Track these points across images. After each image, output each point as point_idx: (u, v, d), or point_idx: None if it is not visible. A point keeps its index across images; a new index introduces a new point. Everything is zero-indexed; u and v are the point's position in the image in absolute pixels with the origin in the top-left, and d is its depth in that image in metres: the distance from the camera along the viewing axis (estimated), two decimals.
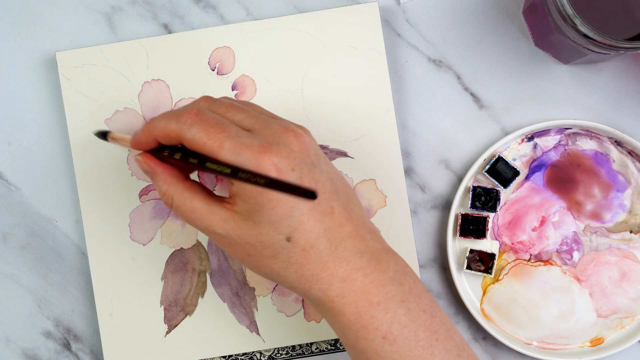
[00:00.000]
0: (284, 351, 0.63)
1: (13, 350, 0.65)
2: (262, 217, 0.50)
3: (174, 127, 0.52)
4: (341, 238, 0.51)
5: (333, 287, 0.51)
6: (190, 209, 0.52)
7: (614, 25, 0.55)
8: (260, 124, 0.52)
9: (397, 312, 0.51)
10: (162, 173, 0.54)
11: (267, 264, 0.51)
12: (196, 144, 0.50)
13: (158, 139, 0.53)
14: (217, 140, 0.50)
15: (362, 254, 0.52)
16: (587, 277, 0.64)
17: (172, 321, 0.63)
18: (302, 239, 0.50)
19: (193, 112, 0.51)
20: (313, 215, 0.50)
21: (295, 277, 0.51)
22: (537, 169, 0.64)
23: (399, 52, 0.65)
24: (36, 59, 0.65)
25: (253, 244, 0.51)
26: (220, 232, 0.51)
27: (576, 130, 0.64)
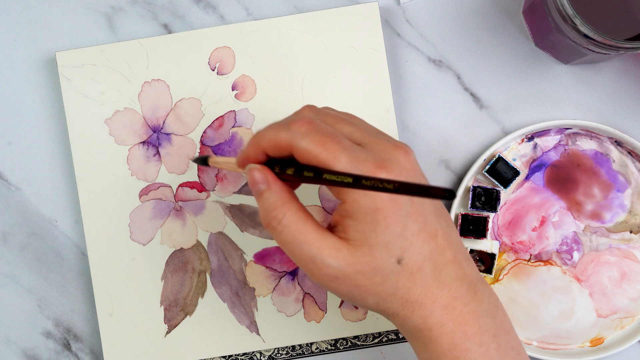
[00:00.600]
0: (284, 351, 0.63)
1: (13, 350, 0.65)
2: (377, 238, 0.48)
3: (285, 136, 0.49)
4: (444, 263, 0.50)
5: (434, 314, 0.49)
6: (300, 231, 0.49)
7: (614, 25, 0.55)
8: (369, 139, 0.50)
9: (490, 347, 0.50)
10: (277, 187, 0.50)
11: (374, 292, 0.49)
12: (309, 153, 0.48)
13: (267, 150, 0.50)
14: (333, 151, 0.48)
15: (461, 281, 0.50)
16: (587, 277, 0.64)
17: (172, 321, 0.63)
18: (412, 260, 0.49)
19: (305, 120, 0.49)
20: (421, 237, 0.49)
21: (399, 303, 0.49)
22: (537, 169, 0.64)
23: (399, 52, 0.65)
24: (36, 59, 0.65)
25: (364, 272, 0.49)
26: (329, 261, 0.48)
27: (576, 130, 0.64)
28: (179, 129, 0.63)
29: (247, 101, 0.63)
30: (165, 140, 0.63)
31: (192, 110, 0.63)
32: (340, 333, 0.63)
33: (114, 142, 0.63)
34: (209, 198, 0.63)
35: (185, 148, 0.63)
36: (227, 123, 0.63)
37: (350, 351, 0.64)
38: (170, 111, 0.63)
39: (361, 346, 0.64)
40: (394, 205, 0.48)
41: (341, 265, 0.48)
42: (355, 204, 0.48)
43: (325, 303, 0.63)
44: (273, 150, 0.50)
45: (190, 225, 0.63)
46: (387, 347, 0.64)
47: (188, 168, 0.63)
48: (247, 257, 0.63)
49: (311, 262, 0.49)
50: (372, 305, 0.50)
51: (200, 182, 0.63)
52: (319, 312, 0.63)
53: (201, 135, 0.63)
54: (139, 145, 0.63)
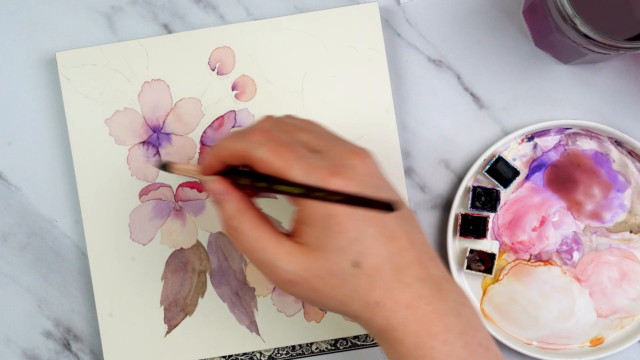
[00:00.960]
0: (284, 351, 0.63)
1: (13, 350, 0.65)
2: (332, 243, 0.49)
3: (242, 146, 0.50)
4: (405, 264, 0.50)
5: (397, 315, 0.49)
6: (256, 238, 0.50)
7: (614, 25, 0.55)
8: (325, 146, 0.51)
9: (456, 345, 0.49)
10: (234, 197, 0.52)
11: (333, 295, 0.50)
12: (264, 163, 0.49)
13: (226, 160, 0.52)
14: (286, 160, 0.49)
15: (424, 281, 0.50)
16: (587, 277, 0.64)
17: (172, 321, 0.63)
18: (369, 263, 0.49)
19: (262, 130, 0.51)
20: (379, 240, 0.49)
21: (360, 305, 0.50)
22: (537, 169, 0.64)
23: (399, 52, 0.65)
24: (36, 59, 0.65)
25: (321, 276, 0.49)
26: (284, 266, 0.50)
27: (576, 130, 0.64)
28: (179, 129, 0.63)
29: (247, 101, 0.63)
30: (165, 140, 0.63)
31: (192, 110, 0.63)
32: (340, 333, 0.63)
33: (114, 142, 0.63)
34: (209, 198, 0.63)
35: (186, 148, 0.63)
36: (227, 123, 0.63)
37: (350, 351, 0.64)
38: (170, 111, 0.63)
39: (361, 346, 0.64)
40: (347, 211, 0.49)
41: (296, 269, 0.49)
42: (308, 210, 0.49)
43: None
44: (232, 160, 0.51)
45: (190, 225, 0.63)
46: None
47: None
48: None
49: (268, 267, 0.50)
50: (334, 308, 0.51)
51: (200, 182, 0.63)
52: (319, 312, 0.63)
53: (201, 135, 0.63)
54: (139, 145, 0.63)
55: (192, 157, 0.63)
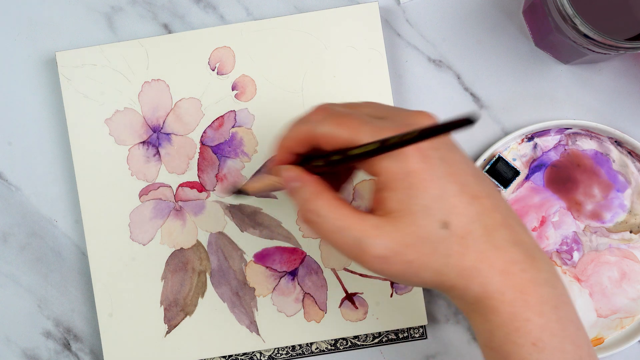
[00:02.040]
0: (284, 351, 0.64)
1: (13, 350, 0.65)
2: (416, 204, 0.46)
3: (304, 129, 0.49)
4: (493, 225, 0.47)
5: (493, 281, 0.46)
6: (338, 217, 0.47)
7: (614, 25, 0.55)
8: (388, 113, 0.49)
9: (550, 318, 0.47)
10: (308, 180, 0.49)
11: (427, 264, 0.46)
12: (330, 137, 0.47)
13: (293, 149, 0.50)
14: (352, 128, 0.47)
15: (517, 245, 0.47)
16: (587, 277, 0.64)
17: (172, 321, 0.63)
18: (458, 223, 0.46)
19: (320, 108, 0.49)
20: (463, 198, 0.46)
21: (455, 272, 0.46)
22: (537, 169, 0.64)
23: (399, 52, 0.65)
24: (36, 59, 0.65)
25: (412, 244, 0.46)
26: (374, 241, 0.46)
27: (576, 130, 0.64)
28: (179, 128, 0.63)
29: (247, 101, 0.63)
30: (165, 140, 0.63)
31: (192, 110, 0.63)
32: (340, 333, 0.63)
33: (114, 142, 0.63)
34: (209, 198, 0.63)
35: (185, 148, 0.63)
36: (227, 123, 0.64)
37: (350, 351, 0.64)
38: (170, 111, 0.63)
39: (361, 346, 0.64)
40: (427, 166, 0.46)
41: (387, 242, 0.46)
42: (388, 172, 0.46)
43: (325, 303, 0.63)
44: (298, 147, 0.49)
45: (190, 225, 0.63)
46: (387, 347, 0.64)
47: (188, 168, 0.63)
48: (247, 257, 0.63)
49: (357, 247, 0.47)
50: (428, 280, 0.47)
51: (200, 182, 0.63)
52: (319, 312, 0.63)
53: (201, 135, 0.63)
54: (139, 145, 0.63)
55: (192, 157, 0.63)
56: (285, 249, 0.63)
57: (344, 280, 0.63)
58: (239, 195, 0.59)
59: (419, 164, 0.46)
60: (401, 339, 0.64)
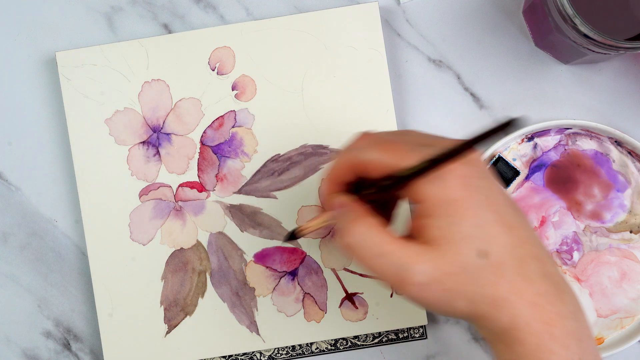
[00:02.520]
0: (284, 351, 0.64)
1: (13, 350, 0.65)
2: (456, 232, 0.46)
3: (350, 156, 0.49)
4: (525, 257, 0.47)
5: (522, 313, 0.47)
6: (380, 243, 0.47)
7: (614, 25, 0.55)
8: (433, 141, 0.49)
9: (575, 352, 0.47)
10: (352, 206, 0.49)
11: (463, 293, 0.47)
12: (378, 163, 0.48)
13: (340, 178, 0.50)
14: (397, 153, 0.47)
15: (545, 277, 0.48)
16: (587, 277, 0.64)
17: (172, 321, 0.63)
18: (494, 252, 0.46)
19: (364, 135, 0.50)
20: (500, 228, 0.47)
21: (486, 302, 0.47)
22: (537, 169, 0.64)
23: (399, 52, 0.65)
24: (36, 59, 0.65)
25: (452, 272, 0.46)
26: (415, 267, 0.46)
27: (576, 130, 0.64)
28: (179, 128, 0.63)
29: (247, 101, 0.64)
30: (165, 140, 0.64)
31: (192, 110, 0.63)
32: (340, 333, 0.63)
33: (114, 142, 0.63)
34: (209, 198, 0.63)
35: (186, 148, 0.63)
36: (227, 123, 0.64)
37: (350, 351, 0.64)
38: (170, 111, 0.64)
39: (361, 346, 0.64)
40: (468, 195, 0.46)
41: (428, 269, 0.46)
42: (430, 199, 0.47)
43: (325, 303, 0.63)
44: (346, 175, 0.49)
45: (190, 225, 0.64)
46: (387, 347, 0.64)
47: (188, 168, 0.63)
48: (247, 257, 0.63)
49: (397, 272, 0.47)
50: (461, 309, 0.47)
51: (200, 182, 0.63)
52: (319, 312, 0.63)
53: (201, 135, 0.63)
54: (139, 145, 0.63)
55: (192, 157, 0.63)
56: (285, 249, 0.64)
57: (344, 280, 0.63)
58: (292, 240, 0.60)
59: (460, 192, 0.47)
60: (401, 339, 0.64)
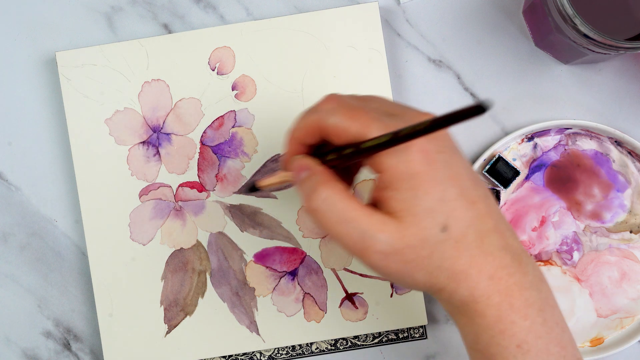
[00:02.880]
0: (284, 351, 0.64)
1: (13, 350, 0.65)
2: (420, 205, 0.46)
3: (315, 118, 0.49)
4: (485, 231, 0.48)
5: (480, 286, 0.47)
6: (346, 209, 0.47)
7: (614, 25, 0.55)
8: (398, 110, 0.49)
9: (535, 321, 0.48)
10: (318, 170, 0.49)
11: (423, 266, 0.47)
12: (340, 129, 0.47)
13: (302, 139, 0.50)
14: (363, 122, 0.47)
15: (505, 250, 0.48)
16: (587, 277, 0.64)
17: (172, 321, 0.63)
18: (456, 227, 0.47)
19: (331, 98, 0.49)
20: (462, 203, 0.47)
21: (446, 275, 0.47)
22: (537, 169, 0.64)
23: (399, 52, 0.65)
24: (36, 58, 0.65)
25: (413, 245, 0.47)
26: (379, 236, 0.47)
27: (576, 130, 0.64)
28: (179, 128, 0.64)
29: (247, 101, 0.64)
30: (165, 140, 0.64)
31: (192, 110, 0.64)
32: (340, 333, 0.63)
33: (114, 142, 0.63)
34: (209, 198, 0.64)
35: (185, 148, 0.63)
36: (227, 123, 0.64)
37: (350, 351, 0.64)
38: (170, 111, 0.64)
39: (361, 346, 0.64)
40: (430, 170, 0.47)
41: (390, 239, 0.47)
42: (392, 171, 0.47)
43: (325, 303, 0.63)
44: (309, 137, 0.49)
45: (190, 225, 0.64)
46: (387, 347, 0.64)
47: (188, 168, 0.64)
48: (247, 257, 0.64)
49: (360, 240, 0.47)
50: (420, 282, 0.48)
51: (200, 182, 0.64)
52: (319, 312, 0.63)
53: (201, 135, 0.63)
54: (139, 145, 0.64)
55: (192, 157, 0.64)
56: (285, 249, 0.64)
57: (344, 280, 0.63)
58: (252, 193, 0.59)
59: (424, 166, 0.47)
60: (401, 339, 0.64)
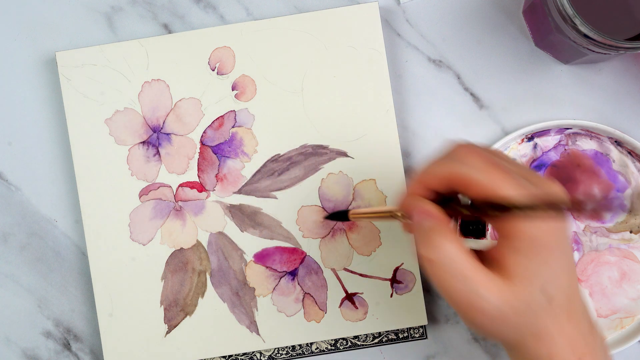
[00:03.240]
0: (284, 351, 0.64)
1: (13, 350, 0.65)
2: (540, 277, 0.47)
3: (454, 169, 0.48)
4: (573, 295, 0.49)
5: (559, 349, 0.48)
6: (465, 266, 0.47)
7: (614, 25, 0.55)
8: (530, 176, 0.49)
9: None
10: (443, 220, 0.48)
11: (518, 328, 0.48)
12: (482, 185, 0.47)
13: (431, 185, 0.49)
14: (502, 180, 0.47)
15: (585, 317, 0.49)
16: (587, 277, 0.64)
17: (172, 321, 0.63)
18: (559, 298, 0.48)
19: (466, 147, 0.49)
20: (567, 272, 0.48)
21: (530, 332, 0.48)
22: (537, 169, 0.64)
23: (399, 52, 0.65)
24: (36, 58, 0.65)
25: (520, 311, 0.47)
26: (489, 296, 0.47)
27: (576, 130, 0.64)
28: (179, 128, 0.64)
29: (247, 101, 0.64)
30: (165, 140, 0.64)
31: (192, 110, 0.64)
32: (340, 333, 0.63)
33: (114, 142, 0.63)
34: (209, 198, 0.64)
35: (186, 148, 0.64)
36: (227, 123, 0.64)
37: (350, 351, 0.64)
38: (170, 111, 0.64)
39: (361, 346, 0.64)
40: (556, 245, 0.47)
41: (499, 303, 0.47)
42: (522, 236, 0.47)
43: (325, 303, 0.63)
44: (439, 185, 0.49)
45: (190, 225, 0.64)
46: (387, 347, 0.64)
47: (188, 168, 0.64)
48: (247, 257, 0.64)
49: (469, 297, 0.47)
50: (507, 336, 0.49)
51: (200, 182, 0.64)
52: (319, 312, 0.63)
53: (201, 135, 0.64)
54: (139, 145, 0.64)
55: (192, 157, 0.64)
56: (285, 249, 0.64)
57: (343, 280, 0.64)
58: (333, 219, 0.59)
59: (552, 239, 0.47)
60: (401, 339, 0.64)
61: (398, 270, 0.63)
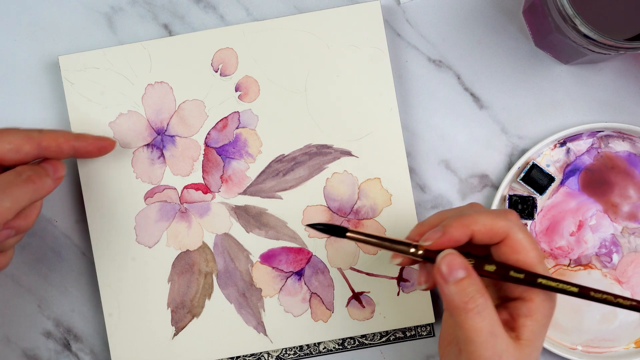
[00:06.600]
0: (292, 351, 0.64)
1: (13, 350, 0.65)
2: (542, 339, 0.51)
3: (503, 225, 0.51)
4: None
5: None
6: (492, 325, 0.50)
7: (614, 25, 0.55)
8: None
9: None
10: (477, 277, 0.51)
11: None
12: (524, 249, 0.51)
13: (474, 235, 0.51)
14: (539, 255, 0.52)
15: None
16: (628, 279, 0.64)
17: (180, 323, 0.64)
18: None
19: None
20: None
21: None
22: (571, 174, 0.64)
23: (399, 52, 0.65)
24: (38, 61, 0.65)
25: None
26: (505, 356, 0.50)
27: (608, 132, 0.64)
28: (183, 130, 0.64)
29: (250, 102, 0.64)
30: (170, 142, 0.64)
31: (195, 112, 0.64)
32: (347, 332, 0.63)
33: (118, 145, 0.64)
34: (214, 200, 0.64)
35: (190, 150, 0.64)
36: (231, 124, 0.64)
37: (357, 350, 0.64)
38: (174, 113, 0.64)
39: (369, 345, 0.64)
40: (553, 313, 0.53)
41: None
42: (538, 305, 0.51)
43: (332, 302, 0.64)
44: (481, 235, 0.51)
45: (196, 227, 0.64)
46: (387, 347, 0.65)
47: (192, 170, 0.64)
48: (253, 258, 0.64)
49: (491, 353, 0.50)
50: None
51: (205, 183, 0.64)
52: (326, 311, 0.64)
53: (205, 137, 0.64)
54: (144, 147, 0.64)
55: (197, 159, 0.64)
56: (292, 249, 0.64)
57: (350, 280, 0.64)
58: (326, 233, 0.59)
59: (553, 310, 0.52)
60: (409, 337, 0.64)
61: (404, 269, 0.64)
